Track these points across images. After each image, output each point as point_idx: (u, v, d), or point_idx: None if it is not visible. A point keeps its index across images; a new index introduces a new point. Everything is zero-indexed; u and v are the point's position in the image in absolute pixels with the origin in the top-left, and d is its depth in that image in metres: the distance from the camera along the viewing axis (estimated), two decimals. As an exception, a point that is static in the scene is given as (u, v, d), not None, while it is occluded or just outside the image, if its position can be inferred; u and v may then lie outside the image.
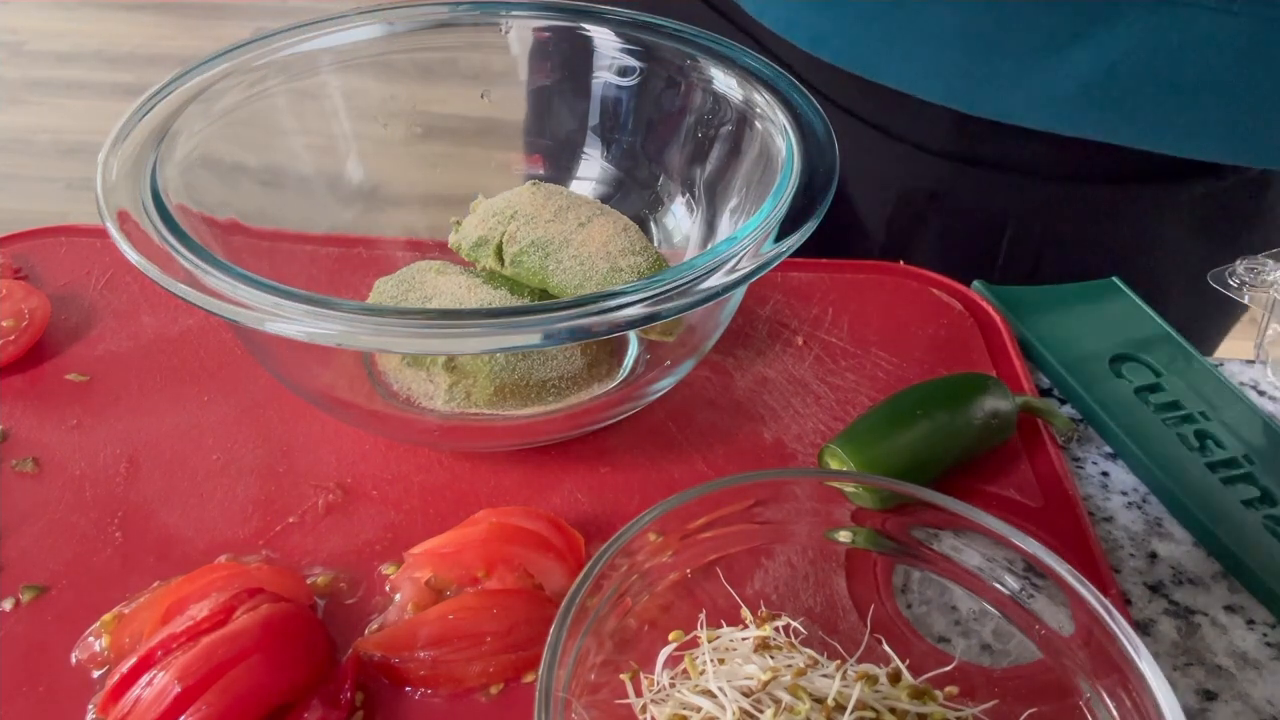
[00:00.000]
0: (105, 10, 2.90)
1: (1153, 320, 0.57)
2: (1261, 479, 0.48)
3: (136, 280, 0.58)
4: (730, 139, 0.52)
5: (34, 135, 2.37)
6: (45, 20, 2.86)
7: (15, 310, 0.53)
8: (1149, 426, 0.50)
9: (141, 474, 0.47)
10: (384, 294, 0.49)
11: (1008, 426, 0.48)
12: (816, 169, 0.45)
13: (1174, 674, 0.41)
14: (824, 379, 0.53)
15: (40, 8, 2.90)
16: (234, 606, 0.37)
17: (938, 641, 0.40)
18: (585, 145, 0.58)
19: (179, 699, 0.34)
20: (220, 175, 0.50)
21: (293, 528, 0.44)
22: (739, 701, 0.33)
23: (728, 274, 0.39)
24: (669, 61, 0.54)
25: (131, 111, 0.46)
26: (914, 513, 0.41)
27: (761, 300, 0.57)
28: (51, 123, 2.42)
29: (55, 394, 0.51)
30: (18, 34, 2.78)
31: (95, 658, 0.39)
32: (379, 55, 0.55)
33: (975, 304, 0.58)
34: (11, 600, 0.41)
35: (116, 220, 0.40)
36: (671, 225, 0.56)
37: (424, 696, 0.38)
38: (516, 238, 0.48)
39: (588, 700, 0.36)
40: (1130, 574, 0.45)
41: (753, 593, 0.41)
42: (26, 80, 2.59)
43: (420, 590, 0.41)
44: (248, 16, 2.81)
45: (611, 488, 0.47)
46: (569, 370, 0.48)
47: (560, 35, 0.56)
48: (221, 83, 0.50)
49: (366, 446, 0.48)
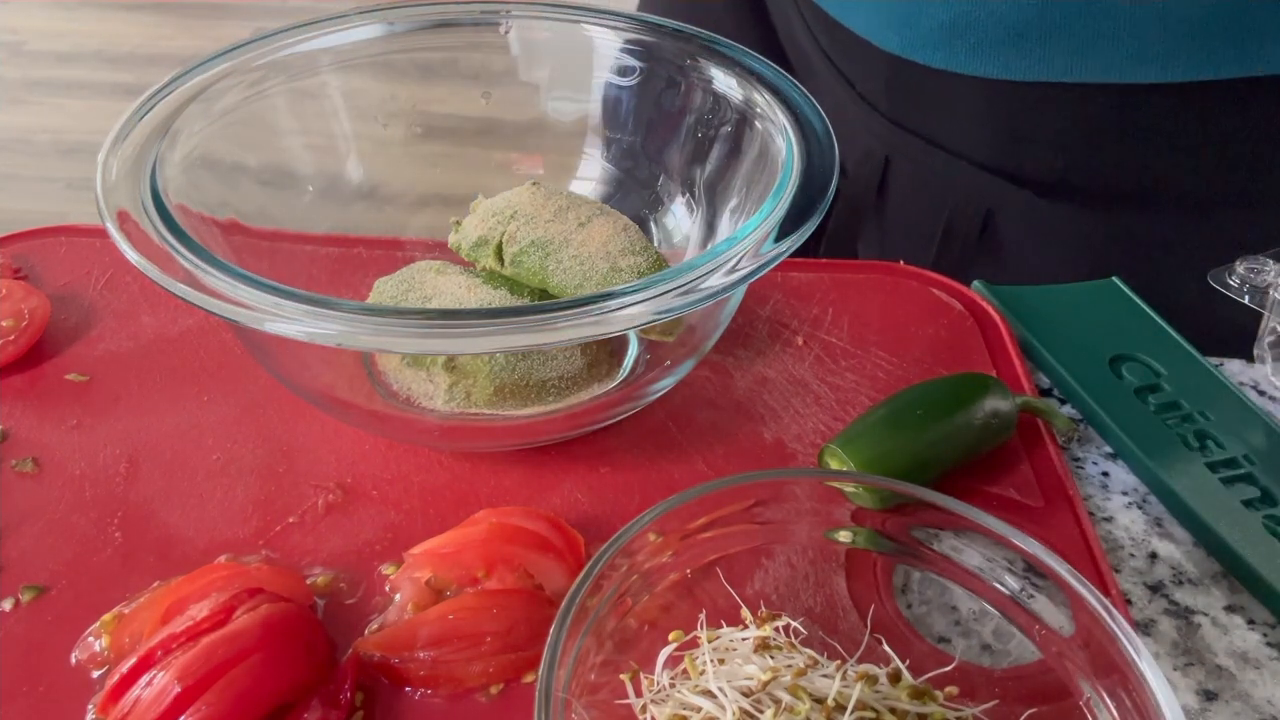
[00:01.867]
0: (105, 10, 2.90)
1: (1153, 320, 0.57)
2: (1261, 479, 0.48)
3: (136, 280, 0.58)
4: (730, 139, 0.52)
5: (34, 135, 2.37)
6: (45, 20, 2.86)
7: (15, 310, 0.53)
8: (1149, 426, 0.50)
9: (141, 474, 0.47)
10: (384, 294, 0.49)
11: (1008, 426, 0.48)
12: (816, 169, 0.45)
13: (1174, 674, 0.41)
14: (824, 379, 0.53)
15: (40, 8, 2.90)
16: (234, 606, 0.37)
17: (938, 642, 0.40)
18: (585, 145, 0.58)
19: (179, 699, 0.34)
20: (220, 175, 0.50)
21: (293, 528, 0.44)
22: (739, 702, 0.33)
23: (728, 274, 0.39)
24: (669, 61, 0.54)
25: (131, 111, 0.46)
26: (914, 513, 0.41)
27: (761, 300, 0.57)
28: (51, 123, 2.42)
29: (55, 394, 0.51)
30: (18, 34, 2.78)
31: (95, 658, 0.39)
32: (379, 55, 0.55)
33: (975, 304, 0.58)
34: (11, 600, 0.41)
35: (116, 220, 0.40)
36: (671, 225, 0.56)
37: (424, 696, 0.38)
38: (516, 238, 0.48)
39: (588, 700, 0.36)
40: (1130, 574, 0.45)
41: (753, 593, 0.41)
42: (26, 80, 2.59)
43: (420, 590, 0.41)
44: (248, 16, 2.81)
45: (611, 488, 0.47)
46: (569, 370, 0.48)
47: (560, 35, 0.56)
48: (221, 83, 0.50)
49: (366, 446, 0.48)
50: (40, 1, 2.92)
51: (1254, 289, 0.55)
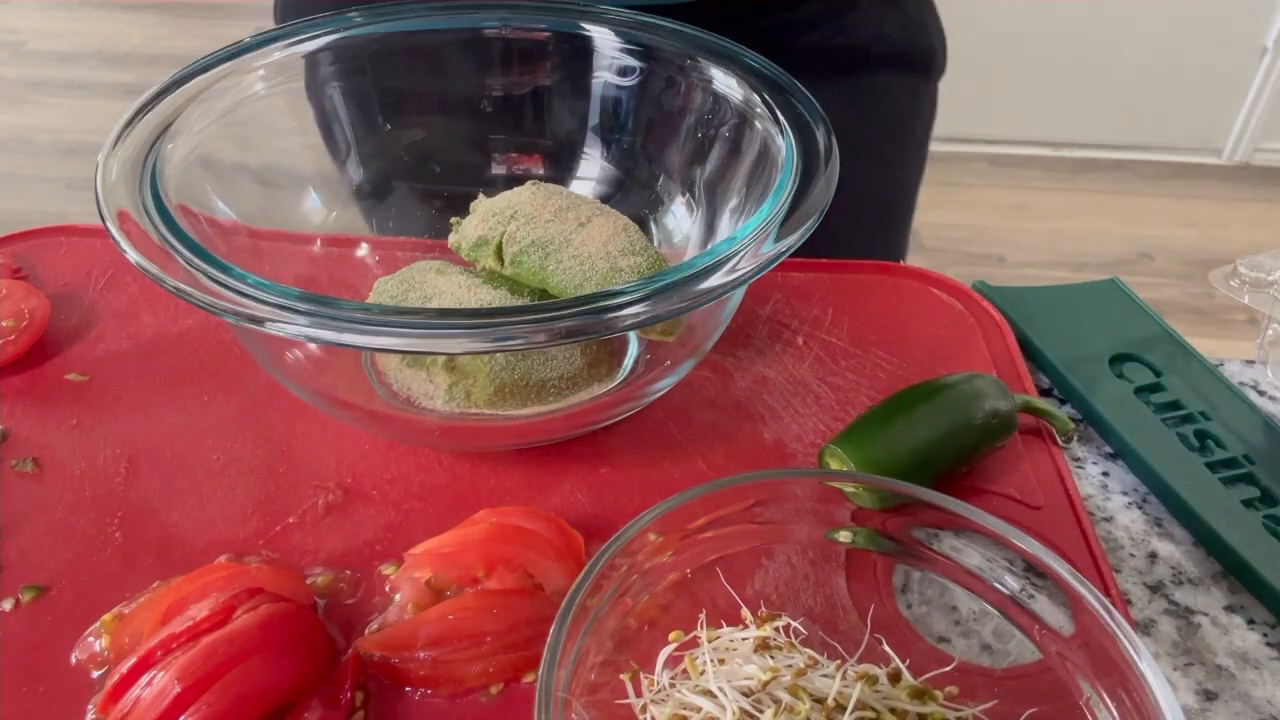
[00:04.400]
0: (105, 10, 2.90)
1: (1153, 320, 0.57)
2: (1262, 479, 0.48)
3: (136, 280, 0.58)
4: (730, 139, 0.52)
5: (34, 135, 2.37)
6: (45, 20, 2.86)
7: (15, 310, 0.53)
8: (1149, 426, 0.50)
9: (141, 474, 0.47)
10: (384, 294, 0.49)
11: (1008, 426, 0.48)
12: (816, 169, 0.44)
13: (1174, 674, 0.41)
14: (824, 379, 0.53)
15: (40, 8, 2.90)
16: (234, 606, 0.37)
17: (938, 641, 0.40)
18: (585, 145, 0.58)
19: (179, 699, 0.34)
20: (220, 175, 0.50)
21: (293, 528, 0.44)
22: (739, 701, 0.33)
23: (728, 274, 0.39)
24: (669, 61, 0.54)
25: (131, 112, 0.46)
26: (914, 513, 0.41)
27: (761, 300, 0.57)
28: (51, 123, 2.42)
29: (55, 394, 0.51)
30: (18, 34, 2.78)
31: (95, 658, 0.39)
32: (379, 55, 0.55)
33: (975, 304, 0.58)
34: (11, 600, 0.41)
35: (116, 220, 0.40)
36: (671, 225, 0.56)
37: (424, 696, 0.38)
38: (516, 238, 0.48)
39: (588, 700, 0.36)
40: (1130, 574, 0.45)
41: (753, 593, 0.41)
42: (26, 80, 2.59)
43: (420, 590, 0.41)
44: (248, 16, 2.81)
45: (611, 488, 0.47)
46: (569, 370, 0.48)
47: (560, 35, 0.56)
48: (221, 83, 0.50)
49: (366, 446, 0.48)
50: (40, 1, 2.92)
51: (1254, 289, 0.55)
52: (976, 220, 2.16)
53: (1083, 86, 2.28)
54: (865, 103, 0.47)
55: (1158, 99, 2.28)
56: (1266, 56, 2.21)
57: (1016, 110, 2.32)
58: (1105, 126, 2.33)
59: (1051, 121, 2.33)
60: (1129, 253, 2.07)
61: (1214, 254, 2.06)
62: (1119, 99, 2.29)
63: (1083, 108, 2.30)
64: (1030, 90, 2.29)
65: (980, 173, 2.31)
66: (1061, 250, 2.07)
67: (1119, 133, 2.34)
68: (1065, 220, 2.16)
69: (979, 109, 2.30)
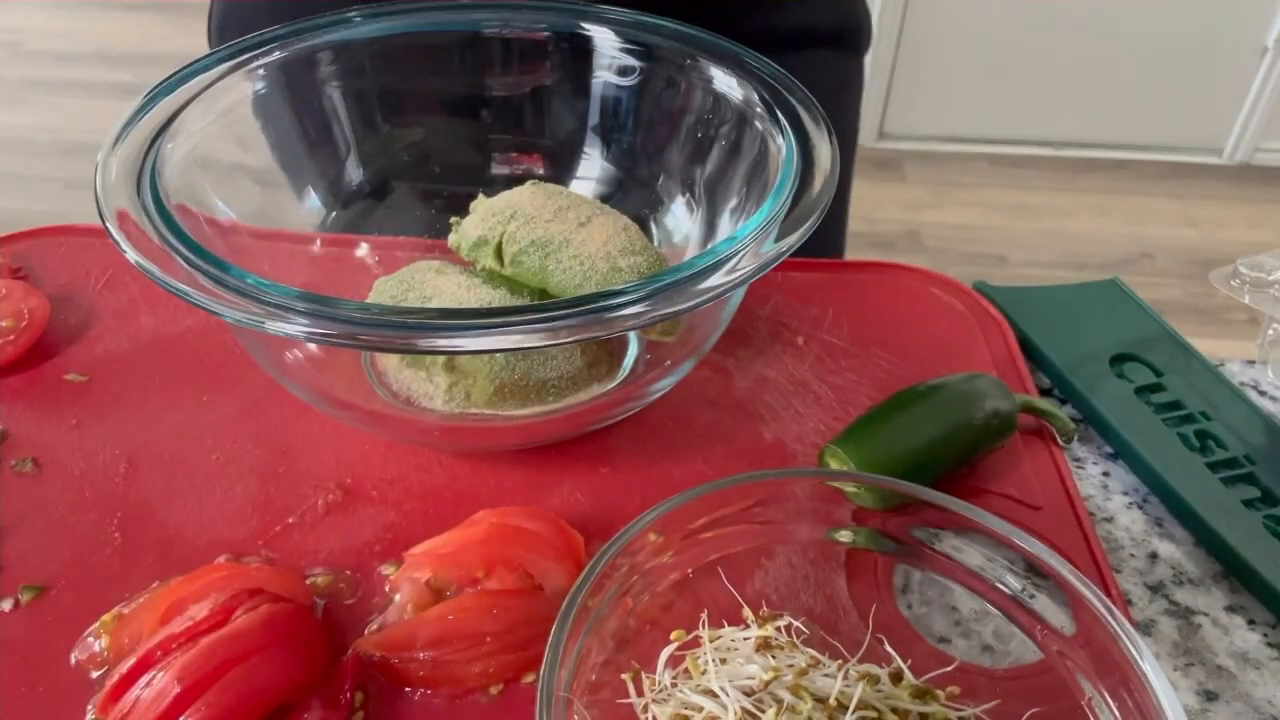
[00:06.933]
0: (105, 10, 2.90)
1: (1153, 320, 0.57)
2: (1262, 479, 0.48)
3: (136, 280, 0.57)
4: (730, 139, 0.52)
5: (34, 135, 2.37)
6: (45, 20, 2.86)
7: (15, 310, 0.53)
8: (1149, 426, 0.50)
9: (141, 474, 0.47)
10: (384, 294, 0.49)
11: (1008, 426, 0.48)
12: (816, 169, 0.44)
13: (1175, 674, 0.41)
14: (824, 379, 0.53)
15: (40, 8, 2.90)
16: (234, 607, 0.37)
17: (939, 641, 0.40)
18: (585, 145, 0.58)
19: (179, 699, 0.34)
20: (220, 175, 0.50)
21: (293, 528, 0.44)
22: (741, 701, 0.33)
23: (728, 274, 0.39)
24: (669, 61, 0.54)
25: (131, 111, 0.46)
26: (915, 512, 0.41)
27: (761, 300, 0.57)
28: (51, 123, 2.41)
29: (55, 394, 0.51)
30: (18, 34, 2.78)
31: (95, 658, 0.39)
32: (379, 55, 0.55)
33: (976, 304, 0.58)
34: (11, 600, 0.41)
35: (116, 220, 0.40)
36: (671, 225, 0.56)
37: (424, 697, 0.38)
38: (516, 238, 0.48)
39: (589, 700, 0.36)
40: (1131, 574, 0.45)
41: (754, 592, 0.41)
42: (26, 80, 2.59)
43: (420, 590, 0.41)
44: (247, 16, 2.80)
45: (611, 488, 0.47)
46: (569, 370, 0.48)
47: (560, 35, 0.56)
48: (221, 83, 0.50)
49: (366, 446, 0.48)
50: (40, 1, 2.92)
51: (1255, 289, 0.55)
52: (977, 220, 2.16)
53: (1083, 86, 2.28)
54: (804, 78, 0.50)
55: (1158, 99, 2.29)
56: (1267, 56, 2.21)
57: (1016, 110, 2.32)
58: (1105, 126, 2.33)
59: (1052, 121, 2.33)
60: (1129, 253, 2.07)
61: (1214, 254, 2.06)
62: (1119, 99, 2.29)
63: (1083, 108, 2.30)
64: (1030, 90, 2.29)
65: (980, 173, 2.31)
66: (1062, 250, 2.07)
67: (1119, 133, 2.34)
68: (1065, 220, 2.16)
69: (979, 109, 2.30)
